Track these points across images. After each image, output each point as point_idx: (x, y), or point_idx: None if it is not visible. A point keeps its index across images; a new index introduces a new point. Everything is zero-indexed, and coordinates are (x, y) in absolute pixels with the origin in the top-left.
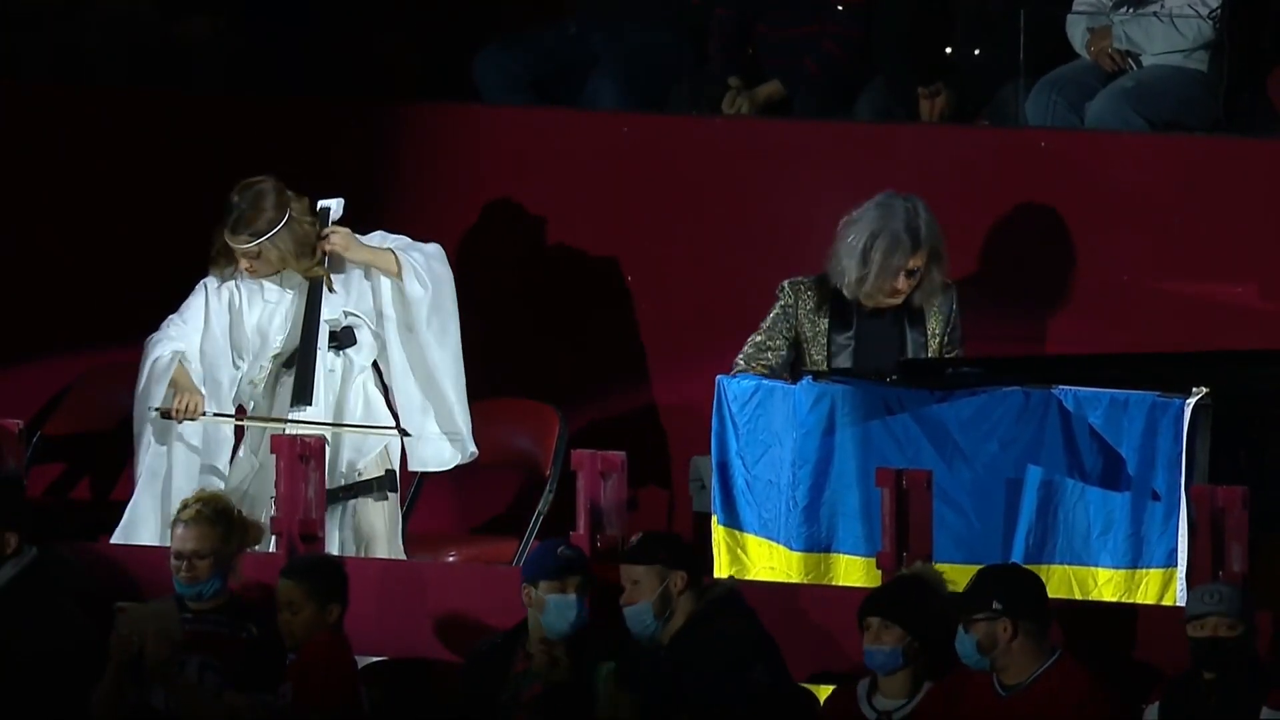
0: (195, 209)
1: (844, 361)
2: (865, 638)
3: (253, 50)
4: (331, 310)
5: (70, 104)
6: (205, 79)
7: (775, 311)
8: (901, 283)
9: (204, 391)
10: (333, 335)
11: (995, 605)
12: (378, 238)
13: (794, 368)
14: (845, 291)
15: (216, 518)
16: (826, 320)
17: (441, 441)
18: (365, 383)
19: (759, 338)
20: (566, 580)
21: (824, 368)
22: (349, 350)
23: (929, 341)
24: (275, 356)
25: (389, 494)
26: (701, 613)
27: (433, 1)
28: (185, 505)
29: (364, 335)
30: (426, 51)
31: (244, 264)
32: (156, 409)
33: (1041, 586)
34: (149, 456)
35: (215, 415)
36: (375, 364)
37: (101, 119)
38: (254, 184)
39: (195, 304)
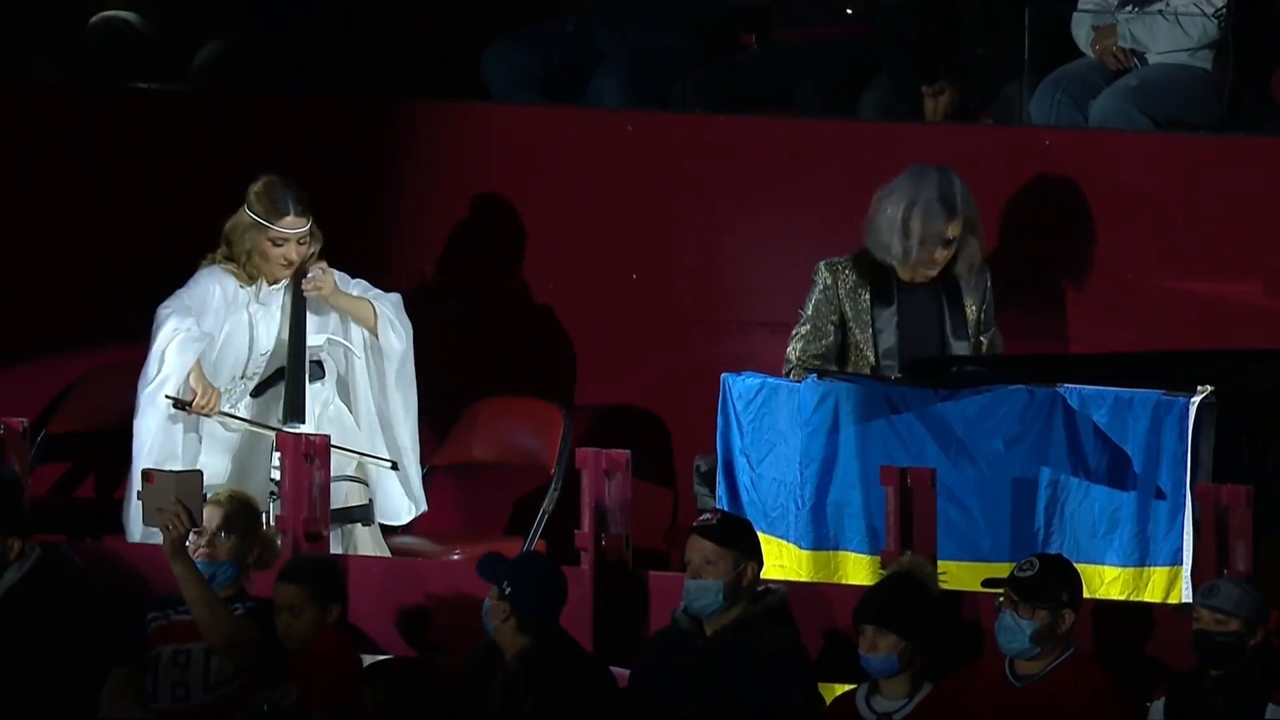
0: (196, 208)
1: (889, 338)
2: (860, 644)
3: (256, 48)
4: (315, 337)
5: (70, 104)
6: (206, 77)
7: (816, 296)
8: (939, 253)
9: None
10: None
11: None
12: (339, 281)
13: (842, 350)
14: (892, 261)
15: (246, 511)
16: (868, 297)
17: (400, 496)
18: (341, 413)
19: (805, 327)
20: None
21: (869, 346)
22: (318, 383)
23: (968, 319)
24: (242, 378)
25: (373, 521)
26: (750, 616)
27: None
28: (219, 492)
29: (330, 369)
30: (433, 48)
31: (287, 252)
32: (170, 397)
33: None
34: (158, 439)
35: (226, 415)
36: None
37: (102, 119)
38: (276, 177)
39: (202, 290)
